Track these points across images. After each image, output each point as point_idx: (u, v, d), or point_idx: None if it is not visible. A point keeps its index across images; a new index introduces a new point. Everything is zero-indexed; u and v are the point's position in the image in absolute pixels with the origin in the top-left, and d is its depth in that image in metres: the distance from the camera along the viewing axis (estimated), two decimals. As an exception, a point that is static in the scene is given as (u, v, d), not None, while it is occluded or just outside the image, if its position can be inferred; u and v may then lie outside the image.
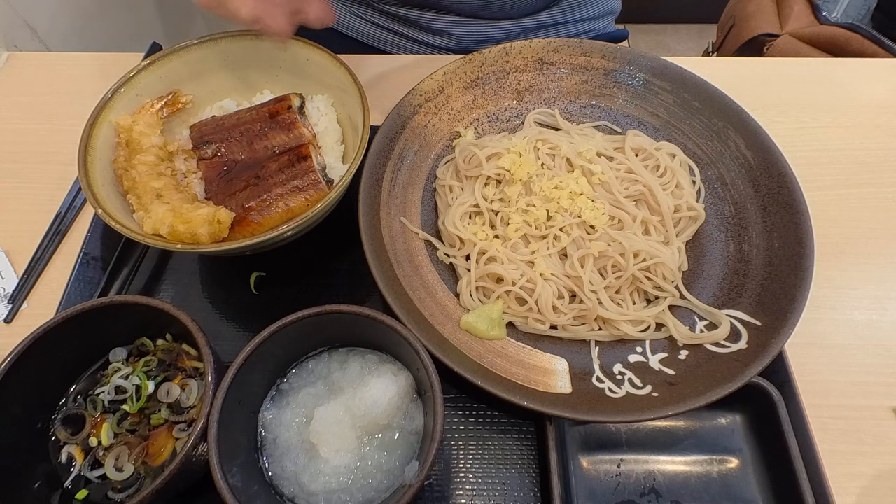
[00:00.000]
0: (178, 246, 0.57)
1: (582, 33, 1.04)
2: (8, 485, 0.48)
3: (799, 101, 0.85)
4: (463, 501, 0.56)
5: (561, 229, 0.65)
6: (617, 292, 0.64)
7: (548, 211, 0.66)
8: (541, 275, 0.63)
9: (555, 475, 0.53)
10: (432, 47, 1.01)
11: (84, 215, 0.75)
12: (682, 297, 0.64)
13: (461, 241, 0.67)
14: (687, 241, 0.69)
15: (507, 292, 0.63)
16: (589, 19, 1.04)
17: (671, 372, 0.59)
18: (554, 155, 0.71)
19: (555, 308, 0.63)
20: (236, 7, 0.60)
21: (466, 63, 0.76)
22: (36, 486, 0.51)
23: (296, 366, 0.57)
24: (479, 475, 0.58)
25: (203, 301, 0.68)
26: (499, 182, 0.70)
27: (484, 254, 0.65)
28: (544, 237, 0.66)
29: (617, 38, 1.10)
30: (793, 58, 0.91)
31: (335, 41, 1.03)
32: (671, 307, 0.64)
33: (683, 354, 0.60)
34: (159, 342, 0.58)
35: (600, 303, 0.63)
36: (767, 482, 0.57)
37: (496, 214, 0.68)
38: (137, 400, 0.54)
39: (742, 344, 0.58)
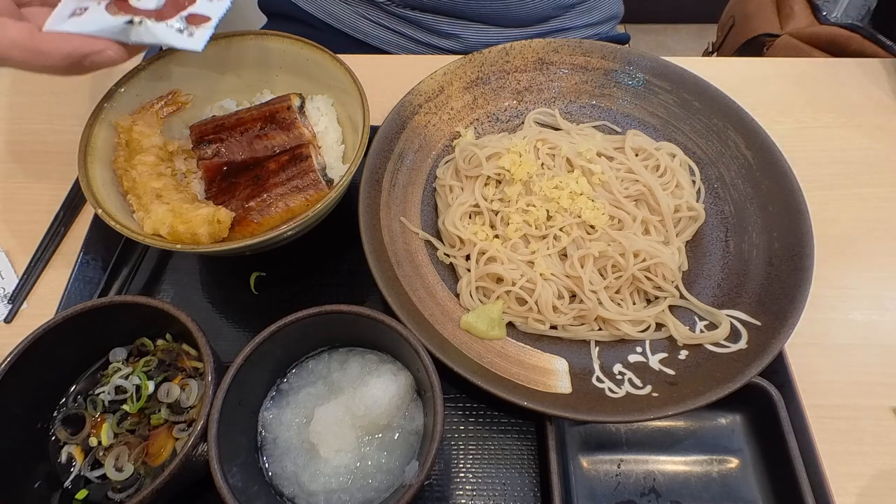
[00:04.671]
0: (178, 246, 0.57)
1: (585, 38, 1.04)
2: (8, 485, 0.48)
3: (799, 101, 0.85)
4: (463, 501, 0.56)
5: (561, 229, 0.65)
6: (617, 292, 0.64)
7: (548, 211, 0.66)
8: (541, 275, 0.63)
9: (555, 475, 0.53)
10: (437, 49, 1.01)
11: (84, 215, 0.75)
12: (682, 297, 0.64)
13: (461, 241, 0.67)
14: (687, 241, 0.69)
15: (507, 292, 0.63)
16: (593, 24, 1.05)
17: (671, 372, 0.59)
18: (554, 155, 0.71)
19: (555, 308, 0.63)
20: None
21: (466, 63, 0.76)
22: (36, 486, 0.51)
23: (296, 366, 0.57)
24: (479, 475, 0.57)
25: (203, 301, 0.68)
26: (499, 182, 0.70)
27: (484, 254, 0.65)
28: (544, 237, 0.66)
29: (619, 41, 1.10)
30: (793, 58, 0.91)
31: (339, 42, 1.03)
32: (671, 307, 0.64)
33: (683, 354, 0.60)
34: (159, 342, 0.58)
35: (600, 303, 0.63)
36: (767, 482, 0.57)
37: (496, 214, 0.68)
38: (137, 400, 0.54)
39: (742, 344, 0.58)
